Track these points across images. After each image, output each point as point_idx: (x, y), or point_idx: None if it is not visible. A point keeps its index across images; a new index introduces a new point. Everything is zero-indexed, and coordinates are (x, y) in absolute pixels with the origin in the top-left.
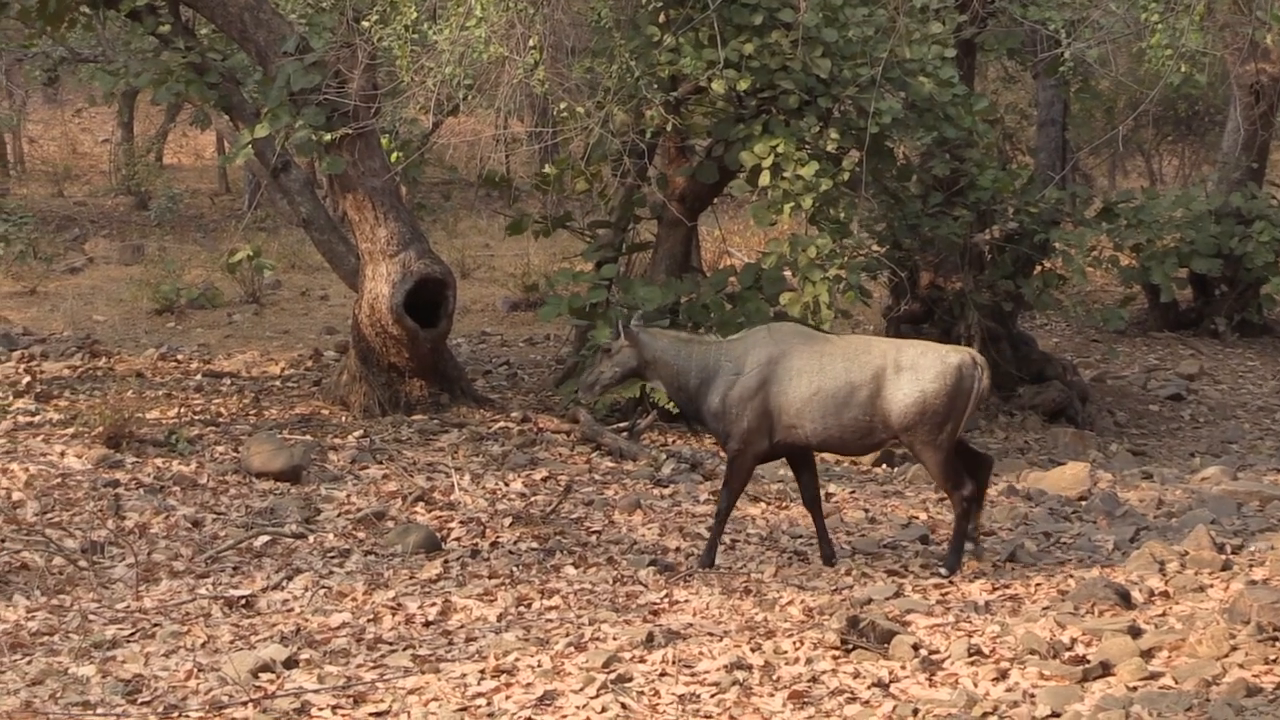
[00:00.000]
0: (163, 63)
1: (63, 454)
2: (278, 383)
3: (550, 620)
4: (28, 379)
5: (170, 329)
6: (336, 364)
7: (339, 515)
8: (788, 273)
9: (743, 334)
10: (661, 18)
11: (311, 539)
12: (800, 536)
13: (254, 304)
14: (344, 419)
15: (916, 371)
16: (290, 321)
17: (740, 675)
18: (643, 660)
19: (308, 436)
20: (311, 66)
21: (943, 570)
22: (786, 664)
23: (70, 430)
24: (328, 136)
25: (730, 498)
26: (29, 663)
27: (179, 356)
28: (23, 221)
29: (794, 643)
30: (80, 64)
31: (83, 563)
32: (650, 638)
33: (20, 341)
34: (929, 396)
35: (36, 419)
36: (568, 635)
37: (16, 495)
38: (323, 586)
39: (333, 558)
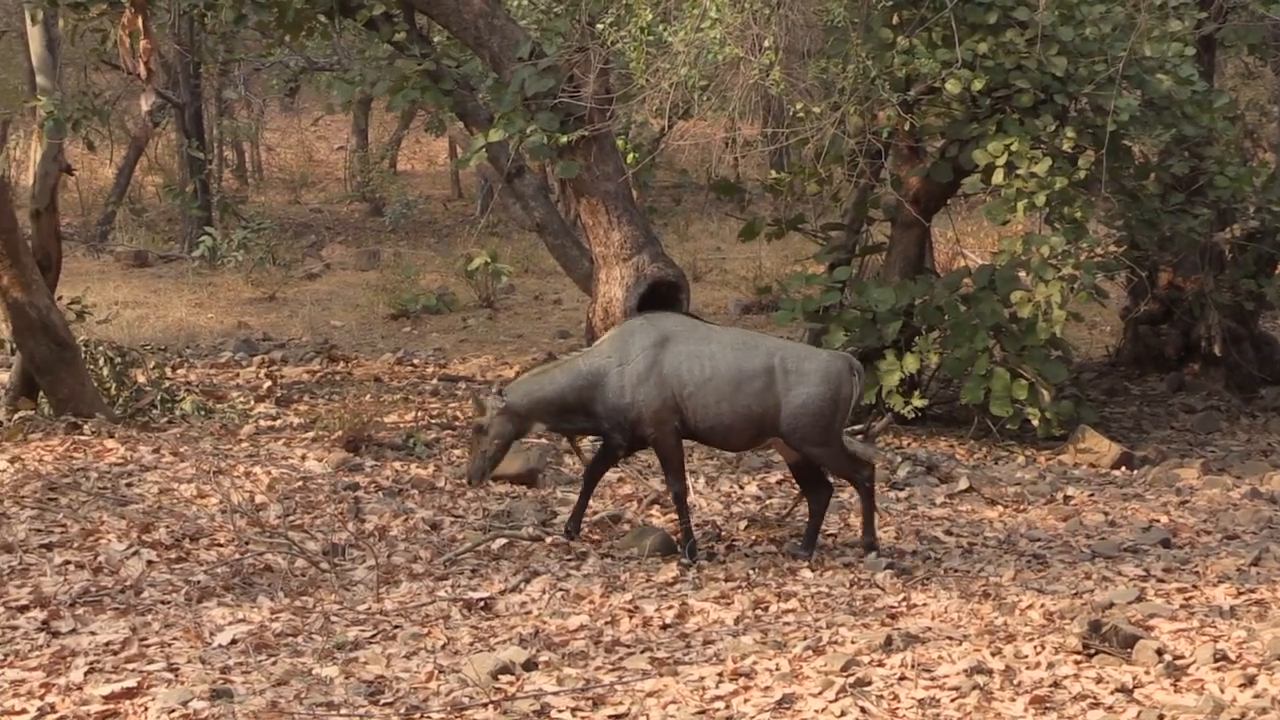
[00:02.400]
0: (398, 70)
1: (304, 457)
2: None
3: (787, 623)
4: (269, 384)
5: (406, 334)
6: None
7: None
8: (1021, 273)
9: (612, 331)
10: (895, 18)
11: (548, 542)
12: (1038, 540)
13: (488, 308)
14: None
15: (802, 375)
16: (524, 326)
17: (980, 680)
18: (881, 664)
19: (543, 440)
20: (545, 71)
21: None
22: (1027, 668)
23: (310, 434)
24: (564, 139)
25: (679, 482)
26: (274, 663)
27: (415, 361)
28: (261, 228)
29: (1035, 647)
30: (317, 73)
31: (324, 565)
32: (889, 641)
33: (261, 347)
34: (813, 400)
35: (278, 423)
36: (805, 638)
37: (260, 498)
38: (560, 589)
39: (570, 561)
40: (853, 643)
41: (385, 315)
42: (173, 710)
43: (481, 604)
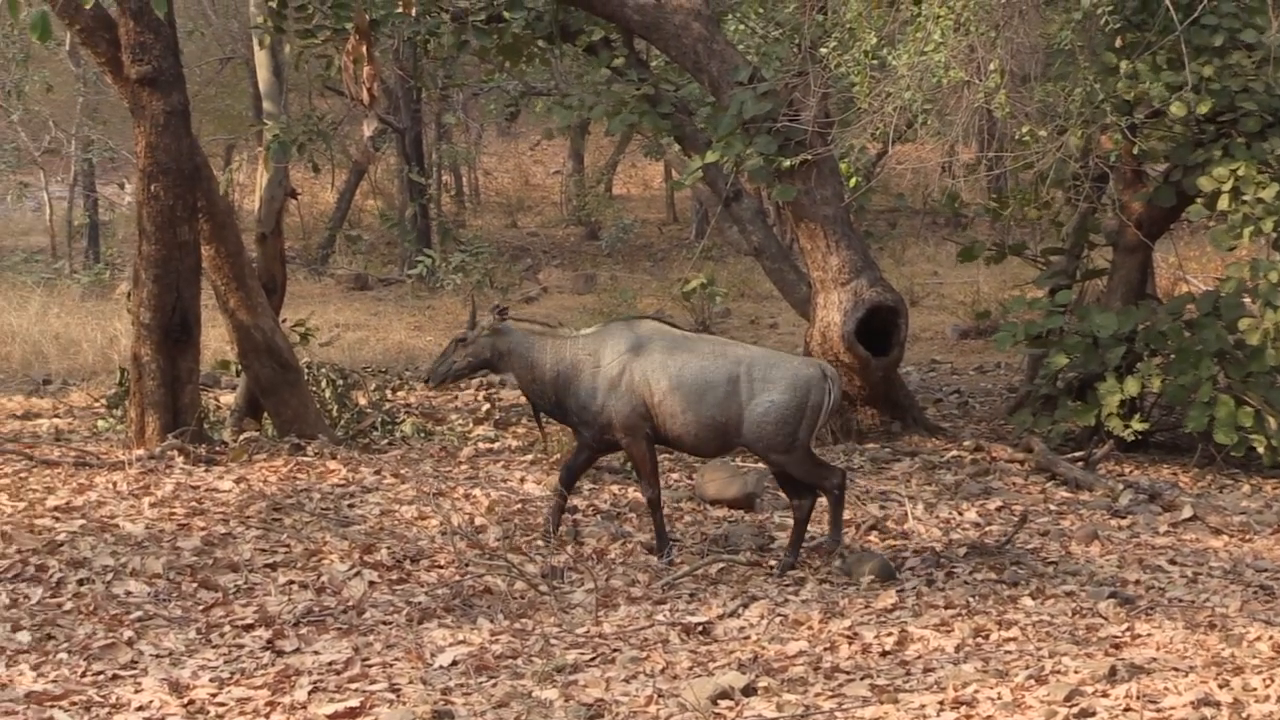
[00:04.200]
0: (616, 94)
1: (522, 480)
2: None
3: (1009, 652)
4: (487, 406)
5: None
6: None
7: None
8: (1247, 299)
9: (598, 327)
10: (1119, 41)
11: (766, 566)
12: (1265, 570)
13: (704, 332)
14: None
15: (768, 383)
16: None
17: (1208, 712)
18: (1105, 695)
19: (760, 465)
20: (764, 95)
21: (776, 568)
22: (1256, 701)
23: (529, 457)
24: (787, 163)
25: (652, 487)
26: (494, 685)
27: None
28: (479, 252)
29: (1264, 679)
30: (535, 97)
31: (543, 587)
32: (1113, 672)
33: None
34: (779, 407)
35: (496, 445)
36: (1027, 667)
37: (479, 520)
38: (779, 614)
39: (788, 586)
40: (1076, 672)
41: None
42: None
43: (700, 628)
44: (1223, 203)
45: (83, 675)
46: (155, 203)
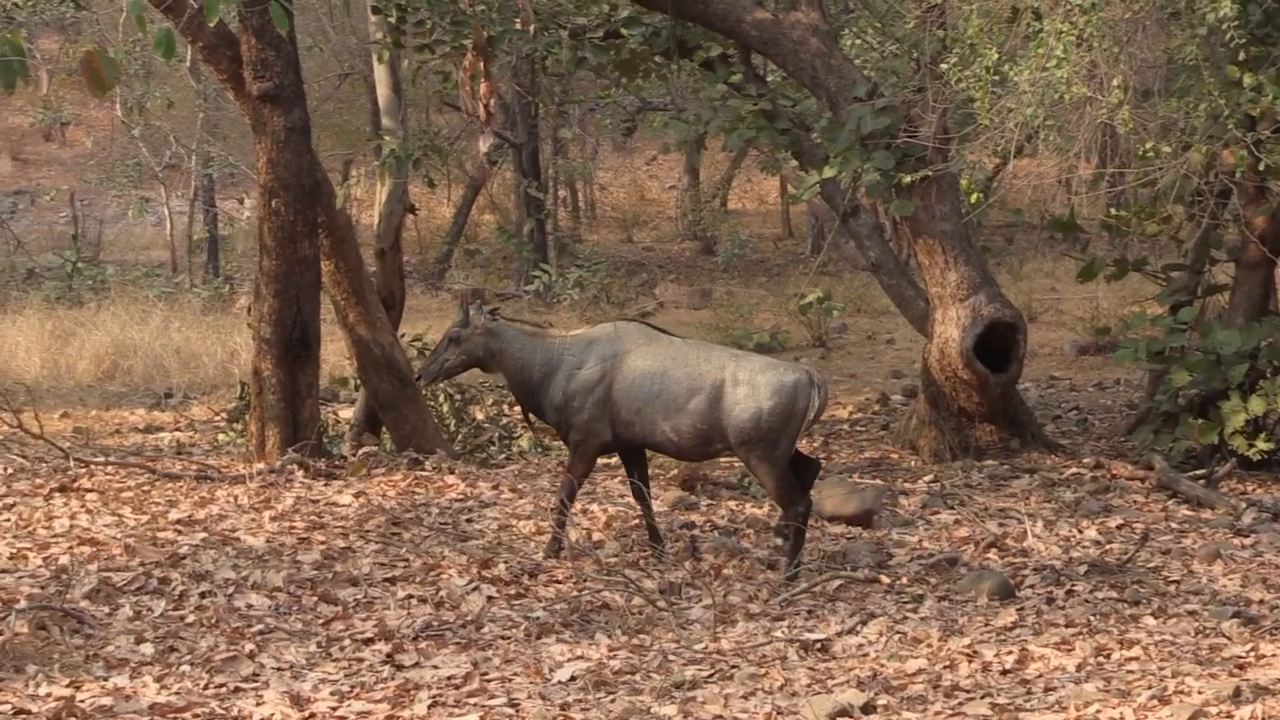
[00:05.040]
0: (733, 109)
1: None
2: (845, 426)
3: (1131, 671)
4: None
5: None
6: (904, 408)
7: (911, 560)
8: None
9: (586, 329)
10: (1242, 55)
11: (885, 583)
12: None
13: (820, 347)
14: (913, 463)
15: (754, 388)
16: (856, 365)
17: None
18: (1230, 716)
19: (878, 481)
20: (882, 110)
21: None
22: None
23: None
24: (907, 179)
25: (569, 487)
26: (612, 701)
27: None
28: (596, 267)
29: None
30: (651, 113)
31: (661, 603)
32: (1237, 693)
33: None
34: (764, 413)
35: (613, 461)
36: (1150, 687)
37: (597, 535)
38: (897, 632)
39: (906, 603)
40: (1199, 693)
41: None
42: None
43: (818, 645)
44: None
45: (205, 688)
46: (276, 218)
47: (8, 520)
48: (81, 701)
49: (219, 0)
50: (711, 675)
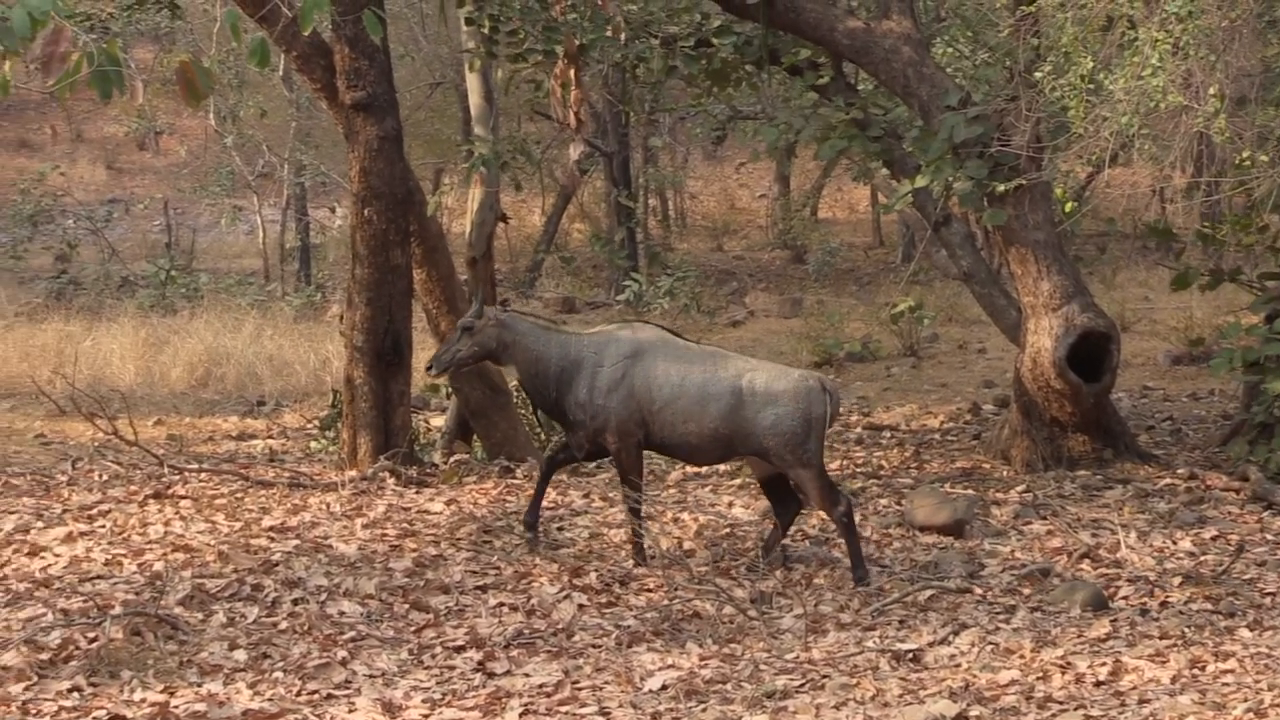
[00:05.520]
0: (824, 118)
1: (730, 504)
2: (937, 436)
3: (1226, 684)
4: None
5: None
6: (995, 418)
7: (1003, 570)
8: None
9: (601, 328)
10: None
11: (977, 594)
12: None
13: (911, 357)
14: (1005, 473)
15: (771, 395)
16: (948, 375)
17: None
18: None
19: (970, 491)
20: (975, 119)
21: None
22: None
23: (737, 481)
24: (1001, 188)
25: (635, 492)
26: (704, 710)
27: (839, 409)
28: (686, 276)
29: None
30: (741, 121)
31: (752, 612)
32: None
33: None
34: (783, 419)
35: (704, 470)
36: (1245, 700)
37: (687, 544)
38: (990, 642)
39: (998, 614)
40: None
41: (809, 363)
42: None
43: (910, 655)
44: None
45: (298, 694)
46: (368, 227)
47: (103, 527)
48: (176, 707)
49: (313, 9)
50: (803, 685)
